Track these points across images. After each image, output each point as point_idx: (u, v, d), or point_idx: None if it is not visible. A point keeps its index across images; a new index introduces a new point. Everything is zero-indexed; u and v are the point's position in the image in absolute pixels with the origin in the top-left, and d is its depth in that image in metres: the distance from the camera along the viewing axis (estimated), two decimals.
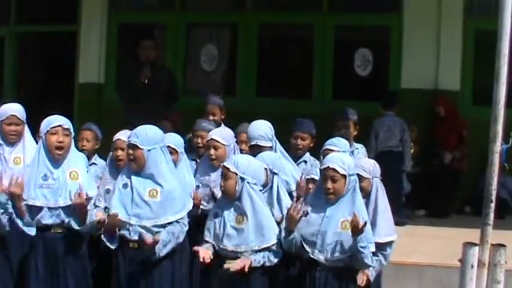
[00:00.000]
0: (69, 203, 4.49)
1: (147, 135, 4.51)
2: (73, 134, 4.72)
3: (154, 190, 4.46)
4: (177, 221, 4.48)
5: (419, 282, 6.18)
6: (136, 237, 4.42)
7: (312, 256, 4.25)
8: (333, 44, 9.33)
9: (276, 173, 4.84)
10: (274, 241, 4.35)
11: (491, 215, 3.95)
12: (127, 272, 4.53)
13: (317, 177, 4.69)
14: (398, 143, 7.80)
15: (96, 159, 5.51)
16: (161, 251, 4.39)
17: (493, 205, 3.92)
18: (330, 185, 4.22)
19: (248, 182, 4.35)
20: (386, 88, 8.90)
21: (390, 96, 8.25)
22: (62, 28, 10.23)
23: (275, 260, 4.37)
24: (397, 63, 9.08)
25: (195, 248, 4.39)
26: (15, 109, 5.14)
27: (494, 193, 3.94)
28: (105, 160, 5.40)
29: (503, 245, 3.99)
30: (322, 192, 4.31)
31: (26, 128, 5.21)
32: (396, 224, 4.95)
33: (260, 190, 4.47)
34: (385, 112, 7.95)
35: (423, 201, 8.45)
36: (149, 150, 4.48)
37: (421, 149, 8.43)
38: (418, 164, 8.26)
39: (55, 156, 4.56)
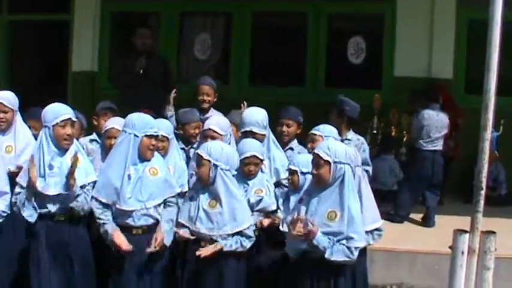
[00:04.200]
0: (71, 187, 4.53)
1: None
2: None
3: (154, 168, 4.62)
4: (170, 202, 4.64)
5: (410, 269, 6.23)
6: (140, 223, 4.54)
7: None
8: (326, 32, 9.34)
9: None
10: (247, 225, 4.45)
11: (482, 203, 3.97)
12: (129, 258, 4.58)
13: (294, 168, 4.75)
14: None
15: None
16: (167, 241, 4.55)
17: (483, 192, 3.95)
18: (314, 170, 4.25)
19: (221, 169, 4.44)
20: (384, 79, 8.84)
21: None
22: (55, 17, 10.20)
23: (248, 245, 4.46)
24: (390, 51, 9.10)
25: (175, 229, 4.51)
26: (3, 96, 5.15)
27: (484, 180, 3.96)
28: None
29: (493, 232, 4.02)
30: None
31: (18, 115, 5.21)
32: None
33: (233, 175, 4.54)
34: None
35: None
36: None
37: None
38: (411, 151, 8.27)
39: (64, 146, 4.61)
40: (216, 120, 5.27)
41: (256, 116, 5.25)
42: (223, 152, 4.48)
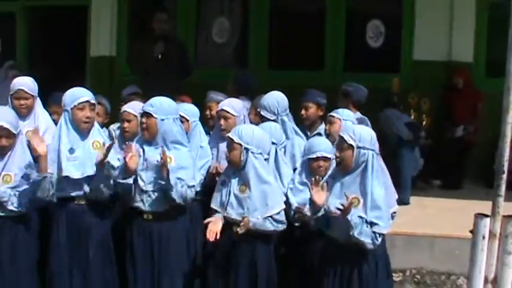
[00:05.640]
0: (93, 172, 4.55)
1: (162, 105, 4.59)
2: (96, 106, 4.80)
3: (168, 157, 4.52)
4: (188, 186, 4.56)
5: (430, 253, 6.20)
6: (150, 209, 4.54)
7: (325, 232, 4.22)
8: (344, 16, 9.28)
9: (274, 143, 4.86)
10: (278, 210, 4.36)
11: (503, 187, 3.93)
12: (141, 245, 4.62)
13: (329, 155, 4.67)
14: None
15: (104, 131, 5.51)
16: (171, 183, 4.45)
17: (504, 176, 3.90)
18: (337, 153, 4.17)
19: (252, 152, 4.37)
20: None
21: None
22: (73, 2, 10.23)
23: (279, 229, 4.38)
24: (409, 35, 9.01)
25: (206, 220, 4.39)
26: (23, 83, 5.16)
27: (506, 164, 3.92)
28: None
29: None
30: None
31: (38, 101, 5.23)
32: None
33: (266, 159, 4.49)
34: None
35: (437, 173, 8.45)
36: (162, 119, 4.55)
37: (433, 121, 8.40)
38: (430, 136, 8.23)
39: (83, 130, 4.61)
40: (228, 101, 5.27)
41: (267, 99, 5.31)
42: (254, 135, 4.40)
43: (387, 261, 4.45)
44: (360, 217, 4.01)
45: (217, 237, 4.27)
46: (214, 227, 4.31)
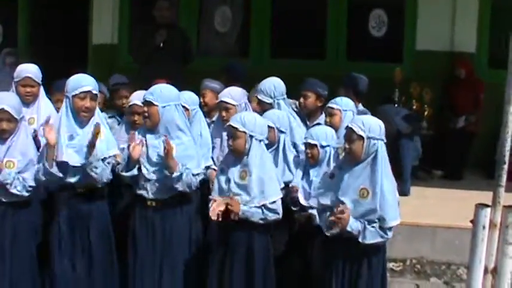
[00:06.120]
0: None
1: (162, 93, 4.58)
2: (98, 95, 4.77)
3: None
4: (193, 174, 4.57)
5: (431, 243, 6.21)
6: (154, 197, 4.58)
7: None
8: (347, 5, 9.24)
9: (283, 132, 4.86)
10: (273, 199, 4.34)
11: (504, 177, 3.94)
12: (144, 232, 4.64)
13: (313, 141, 4.71)
14: None
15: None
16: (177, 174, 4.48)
17: (505, 166, 3.91)
18: (346, 144, 4.13)
19: (256, 139, 4.36)
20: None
21: None
22: None
23: (271, 219, 4.35)
24: (412, 25, 8.98)
25: (212, 196, 4.39)
26: (30, 70, 5.17)
27: (507, 154, 3.92)
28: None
29: None
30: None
31: (41, 88, 5.24)
32: None
33: (266, 144, 4.49)
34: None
35: (438, 164, 8.45)
36: (163, 107, 4.54)
37: (435, 111, 8.39)
38: (432, 126, 8.23)
39: (82, 118, 4.60)
40: (227, 91, 5.27)
41: (264, 84, 5.39)
42: (256, 122, 4.38)
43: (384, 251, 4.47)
44: (360, 220, 4.02)
45: (220, 218, 4.26)
46: (218, 207, 4.29)
